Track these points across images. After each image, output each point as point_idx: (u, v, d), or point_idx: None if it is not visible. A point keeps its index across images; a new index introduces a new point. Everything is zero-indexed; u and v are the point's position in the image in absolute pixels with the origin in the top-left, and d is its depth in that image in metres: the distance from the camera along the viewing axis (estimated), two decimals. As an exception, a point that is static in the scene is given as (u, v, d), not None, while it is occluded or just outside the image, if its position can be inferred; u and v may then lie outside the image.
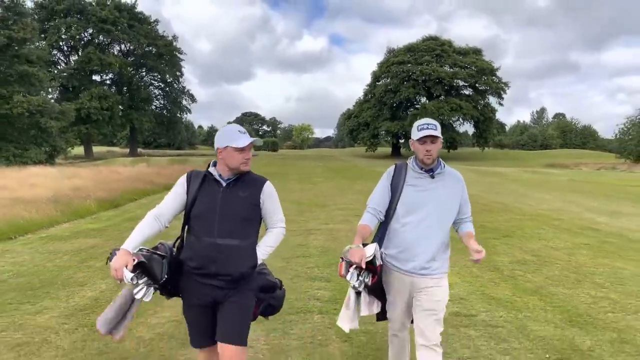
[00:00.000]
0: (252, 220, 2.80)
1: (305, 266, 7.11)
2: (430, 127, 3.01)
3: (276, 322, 4.72)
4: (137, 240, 2.66)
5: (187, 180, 2.81)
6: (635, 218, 12.17)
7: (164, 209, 2.78)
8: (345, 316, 3.13)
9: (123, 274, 2.54)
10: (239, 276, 2.71)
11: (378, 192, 3.17)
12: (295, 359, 3.98)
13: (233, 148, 2.68)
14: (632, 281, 6.40)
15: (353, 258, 2.83)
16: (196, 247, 2.72)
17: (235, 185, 2.76)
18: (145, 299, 2.68)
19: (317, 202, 15.35)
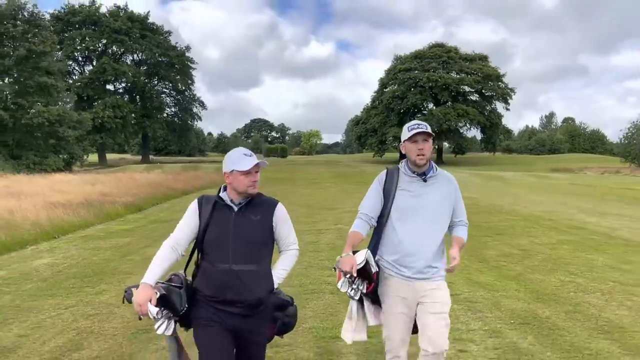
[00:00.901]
0: (266, 243, 2.78)
1: (316, 259, 8.16)
2: (421, 126, 2.98)
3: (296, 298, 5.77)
4: (157, 273, 2.64)
5: (198, 206, 2.79)
6: (622, 218, 13.12)
7: (179, 237, 2.76)
8: (348, 327, 3.12)
9: (148, 309, 2.53)
10: (257, 302, 2.69)
11: (369, 198, 3.12)
12: (310, 324, 5.04)
13: (239, 172, 2.67)
14: (601, 270, 7.39)
15: (344, 267, 2.79)
16: (210, 274, 2.69)
17: (247, 209, 2.75)
18: (167, 332, 2.65)
19: (325, 205, 16.41)
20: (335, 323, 5.05)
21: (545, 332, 4.80)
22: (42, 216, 10.94)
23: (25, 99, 37.09)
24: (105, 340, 4.59)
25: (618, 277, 6.94)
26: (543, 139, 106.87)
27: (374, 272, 2.96)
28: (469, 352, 4.29)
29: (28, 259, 8.39)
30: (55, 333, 4.84)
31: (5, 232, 9.23)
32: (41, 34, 38.75)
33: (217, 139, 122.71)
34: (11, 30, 36.96)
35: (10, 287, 6.60)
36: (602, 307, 5.56)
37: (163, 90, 69.47)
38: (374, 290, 3.01)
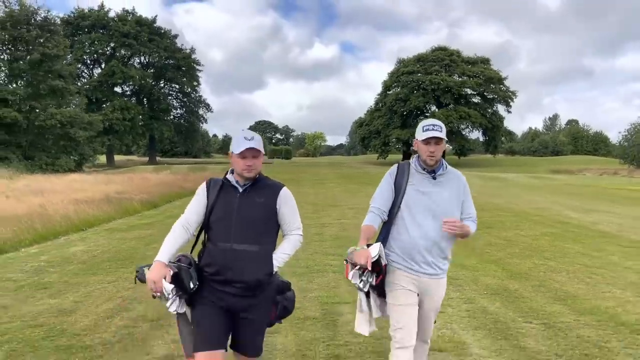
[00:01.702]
0: (268, 226, 2.81)
1: (321, 247, 9.13)
2: (436, 128, 3.02)
3: (303, 276, 6.76)
4: (170, 251, 2.70)
5: (207, 187, 2.85)
6: (606, 215, 14.05)
7: (190, 217, 2.81)
8: (362, 320, 3.18)
9: (162, 286, 2.58)
10: (255, 283, 2.72)
11: (381, 192, 3.16)
12: (316, 294, 6.01)
13: (235, 154, 2.73)
14: (572, 256, 8.34)
15: (359, 260, 2.82)
16: (213, 252, 2.73)
17: (252, 191, 2.78)
18: (180, 310, 2.70)
19: (330, 203, 17.38)
20: (336, 293, 6.03)
21: (511, 299, 5.76)
22: (70, 210, 11.96)
23: (38, 102, 38.23)
24: (148, 304, 5.57)
25: (586, 261, 7.90)
26: (546, 141, 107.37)
27: (384, 265, 3.01)
28: (445, 312, 5.24)
29: (64, 247, 9.40)
30: (105, 300, 5.83)
31: (40, 224, 10.25)
32: (54, 38, 39.90)
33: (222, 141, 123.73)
34: (25, 35, 38.14)
35: (55, 268, 7.60)
36: (564, 283, 6.52)
37: (170, 92, 70.65)
38: (382, 282, 3.06)
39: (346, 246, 8.95)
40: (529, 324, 4.92)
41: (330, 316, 5.22)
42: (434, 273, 3.06)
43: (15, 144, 37.83)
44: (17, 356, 4.18)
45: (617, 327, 4.80)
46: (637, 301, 5.70)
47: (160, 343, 4.44)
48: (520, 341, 4.47)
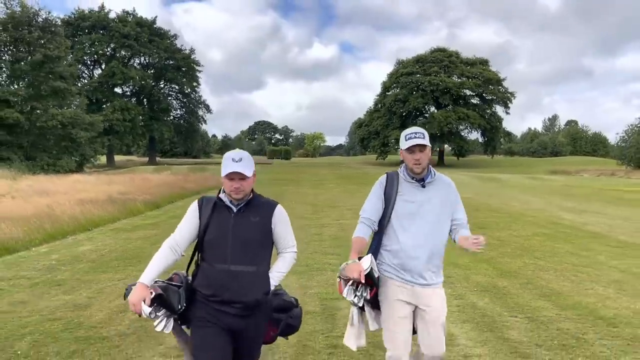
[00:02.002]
0: (264, 245, 2.80)
1: (320, 247, 9.49)
2: (418, 135, 3.02)
3: (304, 274, 7.12)
4: (154, 273, 2.69)
5: (198, 206, 2.82)
6: (597, 215, 14.42)
7: (180, 238, 2.79)
8: (351, 334, 3.14)
9: (141, 308, 2.58)
10: (254, 303, 2.73)
11: (371, 202, 3.15)
12: (315, 290, 6.36)
13: (224, 176, 2.71)
14: (561, 255, 8.71)
15: (352, 274, 2.80)
16: (209, 274, 2.72)
17: (246, 211, 2.76)
18: (166, 330, 2.71)
19: (329, 203, 17.73)
20: (335, 290, 6.34)
21: (499, 295, 6.13)
22: (76, 211, 12.31)
23: (39, 102, 38.56)
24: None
25: (574, 260, 8.26)
26: (545, 141, 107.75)
27: (377, 277, 2.99)
28: (437, 308, 5.60)
29: (73, 246, 9.75)
30: (116, 296, 6.18)
31: (49, 224, 10.60)
32: (55, 39, 40.23)
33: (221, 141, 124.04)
34: (27, 36, 38.47)
35: (66, 266, 7.95)
36: (551, 280, 6.88)
37: (169, 92, 71.02)
38: (375, 295, 3.05)
39: (345, 246, 9.35)
40: (514, 318, 5.28)
41: (329, 311, 5.57)
42: (426, 283, 3.05)
43: (16, 144, 38.13)
44: (40, 346, 4.54)
45: (595, 321, 5.16)
46: (617, 297, 6.07)
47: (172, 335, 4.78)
48: (505, 333, 4.83)
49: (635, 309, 5.58)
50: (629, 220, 13.56)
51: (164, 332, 2.72)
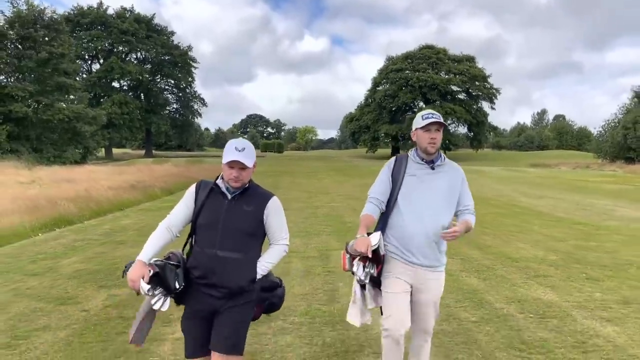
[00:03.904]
0: (254, 234, 2.84)
1: (316, 220, 11.81)
2: (436, 116, 3.07)
3: (304, 237, 9.44)
4: (151, 251, 2.77)
5: (196, 190, 2.88)
6: (551, 200, 16.89)
7: (175, 219, 2.88)
8: (354, 311, 3.20)
9: (140, 285, 2.63)
10: (238, 290, 2.77)
11: (379, 183, 3.19)
12: (314, 245, 8.69)
13: (225, 164, 2.74)
14: (505, 226, 11.09)
15: (360, 248, 2.82)
16: (199, 257, 2.78)
17: (241, 199, 2.80)
18: (163, 308, 2.74)
19: (321, 191, 20.07)
20: (328, 245, 8.73)
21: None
22: (109, 194, 14.55)
23: (45, 97, 40.51)
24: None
25: (512, 229, 10.68)
26: (532, 135, 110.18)
27: (382, 255, 3.04)
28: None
29: (115, 220, 12.03)
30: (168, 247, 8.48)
31: (93, 203, 12.86)
32: (59, 37, 42.12)
33: (214, 134, 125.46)
34: (33, 35, 40.31)
35: (120, 233, 10.22)
36: (487, 240, 9.28)
37: (165, 87, 72.93)
38: (380, 272, 3.09)
39: (336, 220, 11.69)
40: (451, 259, 7.63)
41: (324, 255, 7.93)
42: (430, 264, 3.09)
43: (24, 137, 40.09)
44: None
45: (505, 260, 7.56)
46: (529, 249, 8.48)
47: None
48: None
49: (536, 255, 8.01)
50: (576, 203, 16.03)
51: (161, 310, 2.74)
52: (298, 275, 6.75)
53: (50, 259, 7.73)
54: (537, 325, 4.83)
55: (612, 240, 9.45)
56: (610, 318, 5.02)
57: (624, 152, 46.71)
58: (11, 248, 8.62)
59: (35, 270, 7.02)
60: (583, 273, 6.82)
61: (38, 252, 8.27)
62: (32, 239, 9.49)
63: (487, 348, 4.26)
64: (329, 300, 5.61)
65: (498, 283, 6.34)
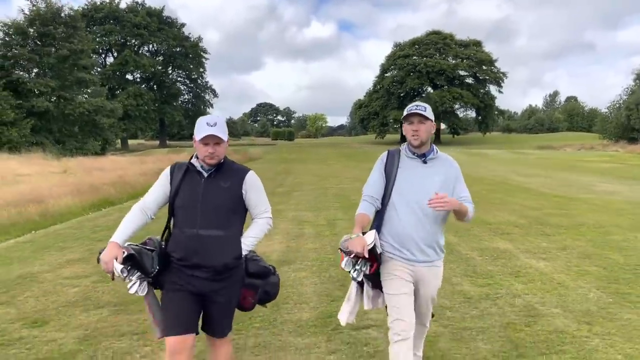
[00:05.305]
0: (234, 210, 2.82)
1: (325, 199, 13.40)
2: (419, 108, 3.02)
3: (315, 212, 11.06)
4: (125, 233, 2.74)
5: (170, 171, 2.86)
6: (541, 178, 18.39)
7: (149, 201, 2.86)
8: (346, 308, 3.22)
9: (113, 266, 2.60)
10: (223, 267, 2.75)
11: (373, 180, 3.16)
12: (324, 217, 10.29)
13: (197, 140, 2.71)
14: (491, 199, 12.61)
15: (355, 248, 2.78)
16: (179, 238, 2.75)
17: (217, 176, 2.79)
18: (140, 293, 2.73)
19: (331, 175, 21.66)
20: (336, 216, 10.34)
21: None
22: (140, 180, 16.25)
23: (66, 92, 42.39)
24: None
25: (496, 201, 12.21)
26: (542, 118, 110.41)
27: (379, 253, 3.00)
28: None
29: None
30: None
31: (129, 187, 14.59)
32: (78, 34, 43.88)
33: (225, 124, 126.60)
34: (52, 32, 42.07)
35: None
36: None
37: (177, 78, 74.71)
38: (376, 271, 3.05)
39: (343, 198, 13.29)
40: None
41: (332, 223, 9.54)
42: (427, 260, 3.06)
43: (47, 130, 42.04)
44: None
45: (481, 224, 9.10)
46: (505, 215, 10.04)
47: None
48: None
49: (509, 219, 9.59)
50: (563, 180, 17.49)
51: (137, 294, 2.74)
52: (310, 237, 8.38)
53: (107, 230, 9.41)
54: (489, 263, 6.44)
55: (579, 208, 10.97)
56: (546, 258, 6.61)
57: (628, 133, 47.68)
58: (71, 223, 10.37)
59: (98, 238, 8.70)
60: (541, 231, 8.39)
61: (95, 225, 10.00)
62: (85, 216, 11.23)
63: (446, 275, 5.84)
64: (334, 252, 7.21)
65: (469, 238, 7.93)
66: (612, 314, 4.58)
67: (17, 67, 41.42)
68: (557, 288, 5.37)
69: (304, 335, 4.30)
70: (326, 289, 5.53)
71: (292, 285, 5.72)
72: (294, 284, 5.77)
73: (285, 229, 9.08)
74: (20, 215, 10.06)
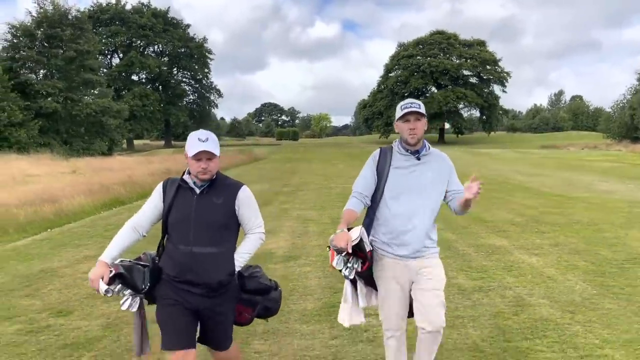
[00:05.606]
0: (228, 227, 2.80)
1: (329, 198, 13.77)
2: (414, 105, 3.00)
3: (320, 210, 11.42)
4: (115, 251, 2.74)
5: (163, 188, 2.84)
6: (542, 177, 18.68)
7: (142, 218, 2.84)
8: (344, 310, 3.17)
9: (99, 285, 2.60)
10: (217, 285, 2.75)
11: (363, 177, 3.16)
12: (328, 214, 10.65)
13: (189, 156, 2.69)
14: (491, 198, 12.91)
15: (339, 243, 2.78)
16: (173, 255, 2.75)
17: (210, 192, 2.76)
18: (131, 309, 2.74)
19: (335, 175, 22.05)
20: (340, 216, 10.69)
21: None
22: (149, 180, 16.65)
23: (73, 93, 42.92)
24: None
25: (496, 200, 12.53)
26: (547, 117, 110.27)
27: (368, 251, 2.98)
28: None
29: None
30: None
31: (138, 187, 15.00)
32: (85, 35, 44.40)
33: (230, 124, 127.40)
34: (60, 34, 42.58)
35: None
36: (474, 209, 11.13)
37: (182, 79, 75.22)
38: (368, 269, 3.04)
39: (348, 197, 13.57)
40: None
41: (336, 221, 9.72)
42: (421, 256, 3.03)
43: (54, 131, 42.55)
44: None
45: (479, 221, 9.45)
46: (503, 214, 10.37)
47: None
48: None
49: (506, 217, 9.94)
50: (563, 179, 17.78)
51: (130, 310, 2.75)
52: (315, 234, 8.75)
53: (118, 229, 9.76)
54: (483, 258, 6.79)
55: (576, 207, 11.28)
56: (538, 254, 6.96)
57: (631, 132, 47.83)
58: (85, 222, 10.79)
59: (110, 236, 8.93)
60: (536, 229, 8.73)
61: (107, 224, 10.41)
62: (97, 215, 11.65)
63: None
64: (338, 248, 7.59)
65: (467, 235, 8.29)
66: (594, 304, 4.93)
67: (25, 69, 42.02)
68: (546, 281, 5.72)
69: (309, 322, 4.67)
70: (329, 282, 5.90)
71: (298, 278, 6.09)
72: (299, 277, 6.14)
73: (291, 227, 9.46)
74: (36, 214, 10.48)
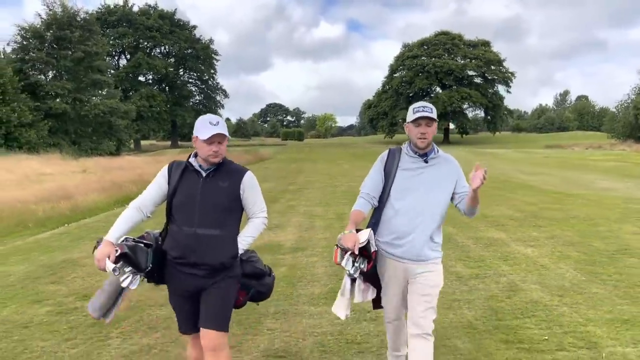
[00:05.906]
0: (232, 210, 2.85)
1: (334, 195, 14.15)
2: (426, 110, 3.00)
3: (326, 206, 11.80)
4: (120, 230, 2.78)
5: (168, 170, 2.90)
6: (544, 176, 18.99)
7: (146, 199, 2.89)
8: (341, 303, 3.18)
9: (105, 264, 2.65)
10: (219, 266, 2.79)
11: (371, 178, 3.18)
12: (333, 210, 11.03)
13: (201, 139, 2.72)
14: (492, 195, 13.26)
15: (347, 244, 2.83)
16: (177, 236, 2.79)
17: (215, 176, 2.81)
18: (131, 287, 2.77)
19: (341, 174, 22.42)
20: (344, 210, 11.07)
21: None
22: (159, 178, 17.08)
23: (82, 94, 43.51)
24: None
25: (498, 197, 12.86)
26: (552, 117, 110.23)
27: (373, 251, 3.01)
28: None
29: (169, 198, 14.55)
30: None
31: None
32: (93, 37, 44.99)
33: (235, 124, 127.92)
34: (69, 36, 43.16)
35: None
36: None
37: (189, 80, 75.83)
38: (372, 268, 3.08)
39: (352, 195, 14.02)
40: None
41: (340, 217, 10.24)
42: (424, 258, 3.04)
43: (63, 131, 43.13)
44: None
45: (480, 217, 9.68)
46: (503, 209, 10.71)
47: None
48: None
49: (506, 213, 10.28)
50: (564, 178, 18.09)
51: (130, 287, 2.77)
52: (321, 228, 9.13)
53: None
54: (481, 249, 7.15)
55: (574, 203, 11.62)
56: (534, 245, 7.32)
57: (636, 132, 47.92)
58: (100, 217, 11.21)
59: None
60: (534, 223, 9.08)
61: (121, 219, 10.80)
62: (111, 211, 12.05)
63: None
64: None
65: (467, 229, 8.65)
66: (582, 289, 5.28)
67: (34, 70, 42.62)
68: (539, 269, 6.08)
69: (317, 305, 5.05)
70: (335, 270, 6.26)
71: (305, 267, 6.47)
72: (307, 266, 6.52)
73: (298, 221, 9.85)
74: (54, 210, 10.91)
